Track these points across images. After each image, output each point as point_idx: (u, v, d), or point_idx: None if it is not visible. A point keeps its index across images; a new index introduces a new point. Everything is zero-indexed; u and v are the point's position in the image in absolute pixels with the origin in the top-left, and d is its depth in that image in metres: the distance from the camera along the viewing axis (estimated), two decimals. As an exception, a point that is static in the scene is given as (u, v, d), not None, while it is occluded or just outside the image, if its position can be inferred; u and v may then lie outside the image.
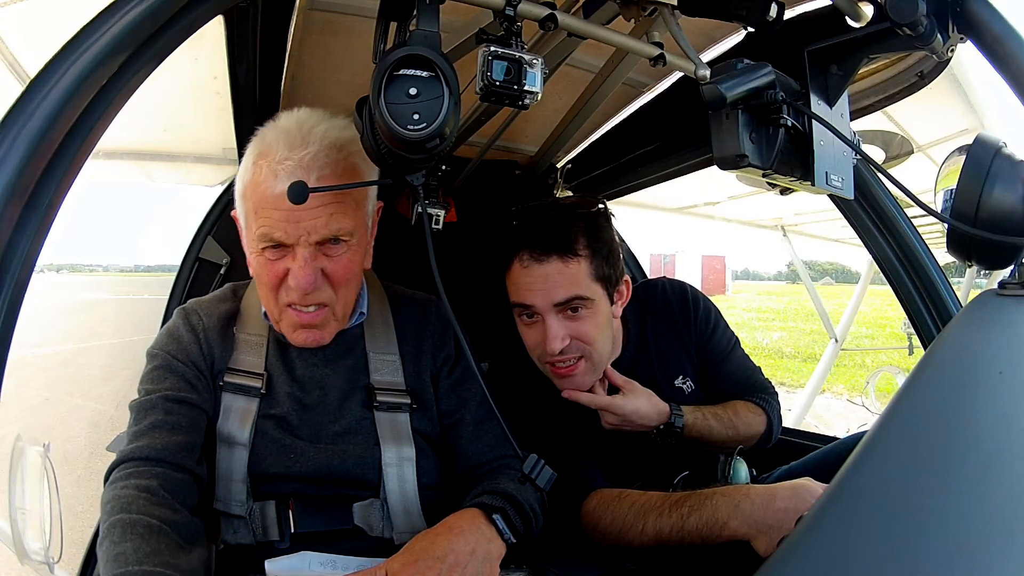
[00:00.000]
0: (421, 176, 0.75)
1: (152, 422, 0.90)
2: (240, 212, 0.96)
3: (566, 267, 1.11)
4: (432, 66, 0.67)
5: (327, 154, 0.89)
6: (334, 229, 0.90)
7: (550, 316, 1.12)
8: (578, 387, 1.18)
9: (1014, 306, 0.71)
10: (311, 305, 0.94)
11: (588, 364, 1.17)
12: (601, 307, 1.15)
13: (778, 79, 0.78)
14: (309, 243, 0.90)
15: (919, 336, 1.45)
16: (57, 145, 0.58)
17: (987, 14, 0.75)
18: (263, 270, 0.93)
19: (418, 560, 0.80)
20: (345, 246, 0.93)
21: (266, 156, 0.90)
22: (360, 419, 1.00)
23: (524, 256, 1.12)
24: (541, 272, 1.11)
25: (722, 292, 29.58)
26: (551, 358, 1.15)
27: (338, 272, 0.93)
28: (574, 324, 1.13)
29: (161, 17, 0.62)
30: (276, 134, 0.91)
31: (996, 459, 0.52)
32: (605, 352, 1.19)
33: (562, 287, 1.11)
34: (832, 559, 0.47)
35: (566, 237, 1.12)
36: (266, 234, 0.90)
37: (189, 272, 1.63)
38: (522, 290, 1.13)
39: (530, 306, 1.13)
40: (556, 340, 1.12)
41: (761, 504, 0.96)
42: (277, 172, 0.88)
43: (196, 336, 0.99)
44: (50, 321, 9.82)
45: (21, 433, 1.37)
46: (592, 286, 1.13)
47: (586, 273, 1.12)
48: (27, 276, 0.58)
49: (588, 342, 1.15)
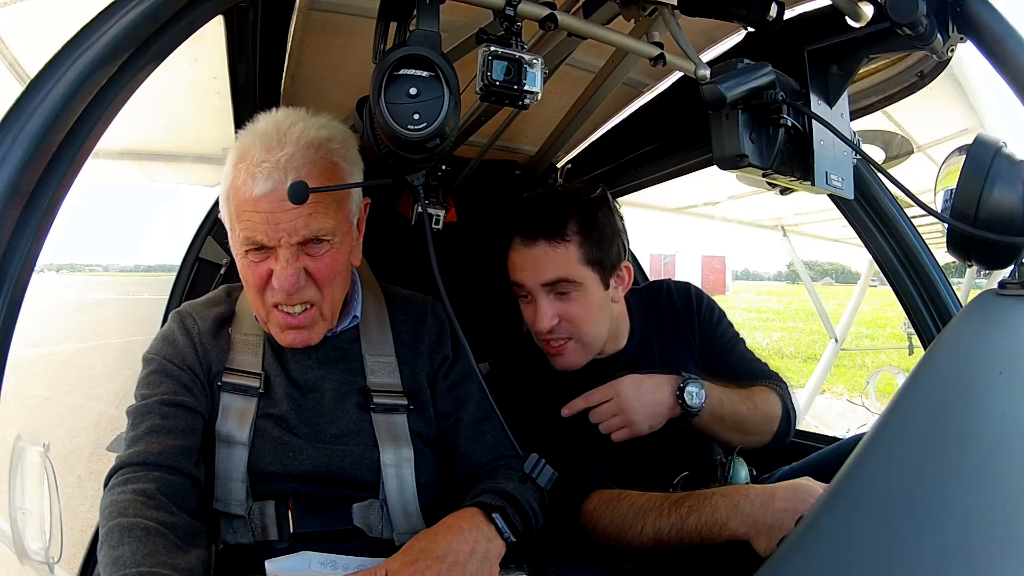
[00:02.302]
0: (421, 176, 0.75)
1: (149, 427, 0.91)
2: (224, 215, 0.96)
3: (553, 250, 1.17)
4: (432, 66, 0.67)
5: (304, 154, 0.89)
6: (314, 229, 0.90)
7: (540, 296, 1.19)
8: (568, 366, 1.23)
9: (1014, 306, 0.71)
10: (297, 305, 0.94)
11: (577, 345, 1.22)
12: (592, 291, 1.19)
13: (778, 79, 0.78)
14: (290, 244, 0.90)
15: (919, 336, 1.45)
16: (57, 145, 0.58)
17: (987, 14, 0.75)
18: (248, 272, 0.93)
19: (418, 560, 0.80)
20: (328, 245, 0.93)
21: (244, 159, 0.90)
22: (357, 421, 1.00)
23: (517, 239, 1.20)
24: (530, 254, 1.18)
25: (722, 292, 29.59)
26: (542, 336, 1.21)
27: (322, 271, 0.93)
28: (563, 305, 1.19)
29: (161, 17, 0.62)
30: (253, 137, 0.91)
31: (996, 459, 0.52)
32: (597, 335, 1.23)
33: (548, 269, 1.17)
34: (832, 559, 0.47)
35: (555, 222, 1.17)
36: (248, 237, 0.90)
37: (189, 272, 1.63)
38: (516, 270, 1.21)
39: (522, 285, 1.21)
40: (544, 319, 1.18)
41: (760, 504, 0.95)
42: (255, 175, 0.88)
43: (191, 339, 0.99)
44: (50, 321, 9.82)
45: (21, 433, 1.37)
46: (581, 270, 1.18)
47: (575, 257, 1.17)
48: (27, 276, 0.58)
49: (576, 323, 1.20)
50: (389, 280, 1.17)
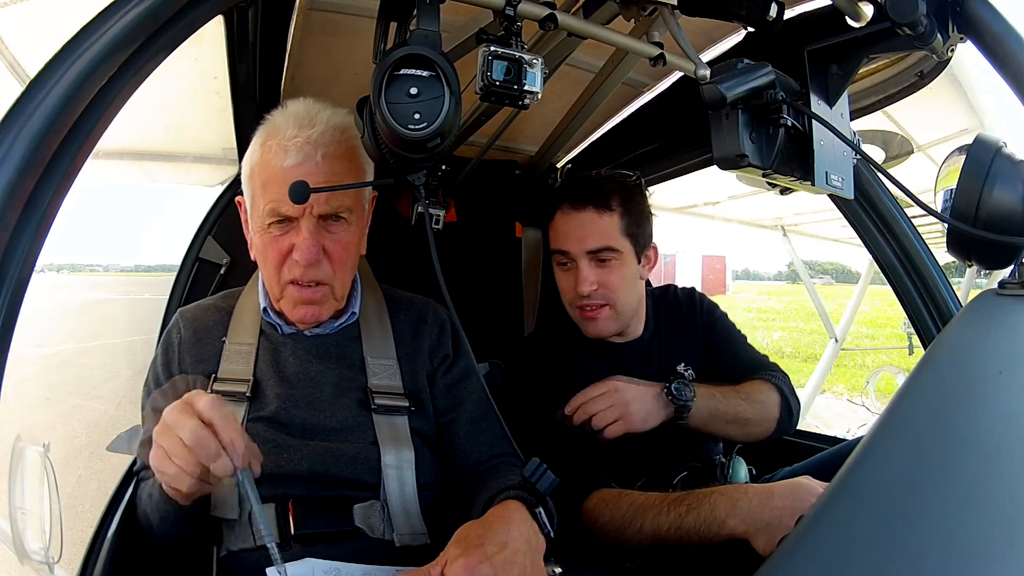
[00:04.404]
0: (422, 176, 0.75)
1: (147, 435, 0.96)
2: (247, 194, 1.01)
3: (600, 217, 1.26)
4: (433, 65, 0.67)
5: (332, 134, 0.96)
6: (335, 205, 0.96)
7: (582, 261, 1.27)
8: (600, 332, 1.32)
9: (1014, 306, 0.71)
10: (311, 282, 0.98)
11: (611, 311, 1.30)
12: (628, 261, 1.30)
13: (778, 79, 0.78)
14: (313, 215, 0.95)
15: (919, 336, 1.45)
16: (57, 145, 0.58)
17: (987, 14, 0.75)
18: (268, 248, 0.98)
19: (483, 544, 0.76)
20: (345, 224, 0.99)
21: (275, 136, 0.96)
22: (356, 416, 1.00)
23: (565, 206, 1.28)
24: (578, 219, 1.27)
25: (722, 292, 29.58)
26: (580, 301, 1.29)
27: (337, 251, 0.98)
28: (602, 271, 1.28)
29: (161, 17, 0.62)
30: (285, 117, 0.98)
31: (996, 459, 0.52)
32: (628, 305, 1.33)
33: (594, 236, 1.26)
34: (832, 559, 0.47)
35: (602, 192, 1.27)
36: (274, 208, 0.95)
37: (189, 272, 1.63)
38: (560, 236, 1.29)
39: (567, 252, 1.29)
40: (585, 283, 1.27)
41: (759, 502, 0.96)
42: (287, 148, 0.94)
43: (175, 349, 1.05)
44: (51, 321, 9.81)
45: (21, 433, 1.37)
46: (622, 240, 1.28)
47: (617, 227, 1.27)
48: (27, 276, 0.58)
49: (613, 291, 1.29)
50: (389, 280, 1.17)
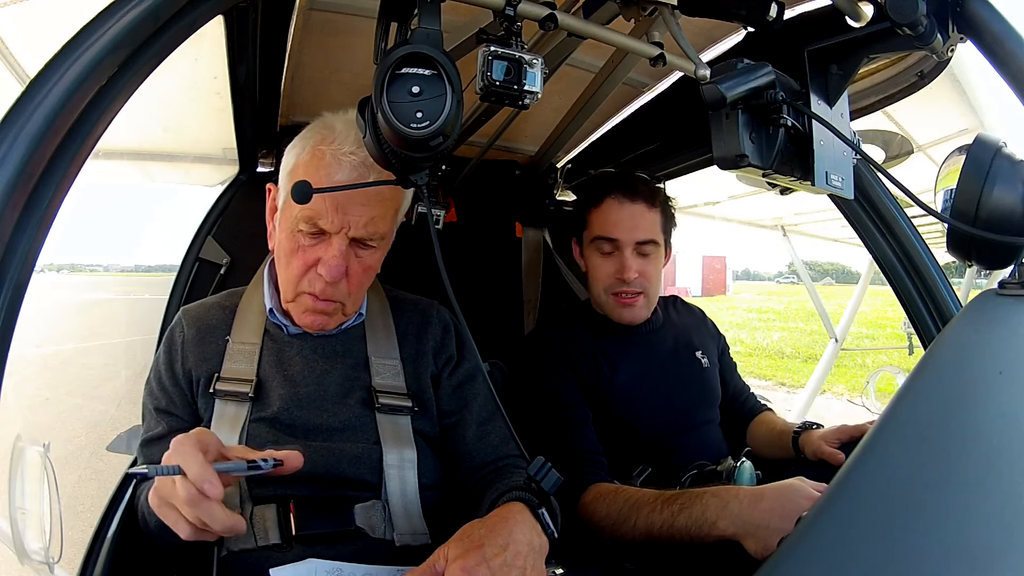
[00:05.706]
0: (425, 175, 0.74)
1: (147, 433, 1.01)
2: (282, 186, 0.98)
3: (649, 211, 1.36)
4: (434, 64, 0.67)
5: None
6: (371, 231, 0.95)
7: (627, 249, 1.36)
8: (634, 319, 1.40)
9: (1014, 306, 0.71)
10: (327, 299, 0.97)
11: (645, 299, 1.39)
12: (662, 255, 1.41)
13: (778, 79, 0.78)
14: (347, 235, 0.93)
15: (919, 336, 1.45)
16: (57, 145, 0.58)
17: (987, 14, 0.75)
18: (295, 255, 0.96)
19: (483, 546, 0.74)
20: (372, 250, 0.98)
21: (330, 143, 0.93)
22: (359, 416, 1.00)
23: (619, 195, 1.36)
24: (630, 211, 1.35)
25: (722, 292, 29.58)
26: (621, 287, 1.37)
27: (358, 273, 0.98)
28: (643, 262, 1.37)
29: (161, 17, 0.61)
30: (345, 126, 0.94)
31: (996, 459, 0.52)
32: (658, 294, 1.44)
33: (643, 228, 1.36)
34: (832, 559, 0.47)
35: (651, 189, 1.38)
36: (311, 218, 0.92)
37: (189, 272, 1.63)
38: (610, 224, 1.36)
39: (615, 239, 1.36)
40: (631, 271, 1.35)
41: (748, 504, 0.96)
42: (341, 162, 0.91)
43: (179, 348, 1.04)
44: (51, 321, 9.81)
45: (21, 433, 1.37)
46: (660, 235, 1.39)
47: (659, 223, 1.38)
48: (27, 276, 0.58)
49: (650, 281, 1.38)
50: (388, 280, 1.17)
